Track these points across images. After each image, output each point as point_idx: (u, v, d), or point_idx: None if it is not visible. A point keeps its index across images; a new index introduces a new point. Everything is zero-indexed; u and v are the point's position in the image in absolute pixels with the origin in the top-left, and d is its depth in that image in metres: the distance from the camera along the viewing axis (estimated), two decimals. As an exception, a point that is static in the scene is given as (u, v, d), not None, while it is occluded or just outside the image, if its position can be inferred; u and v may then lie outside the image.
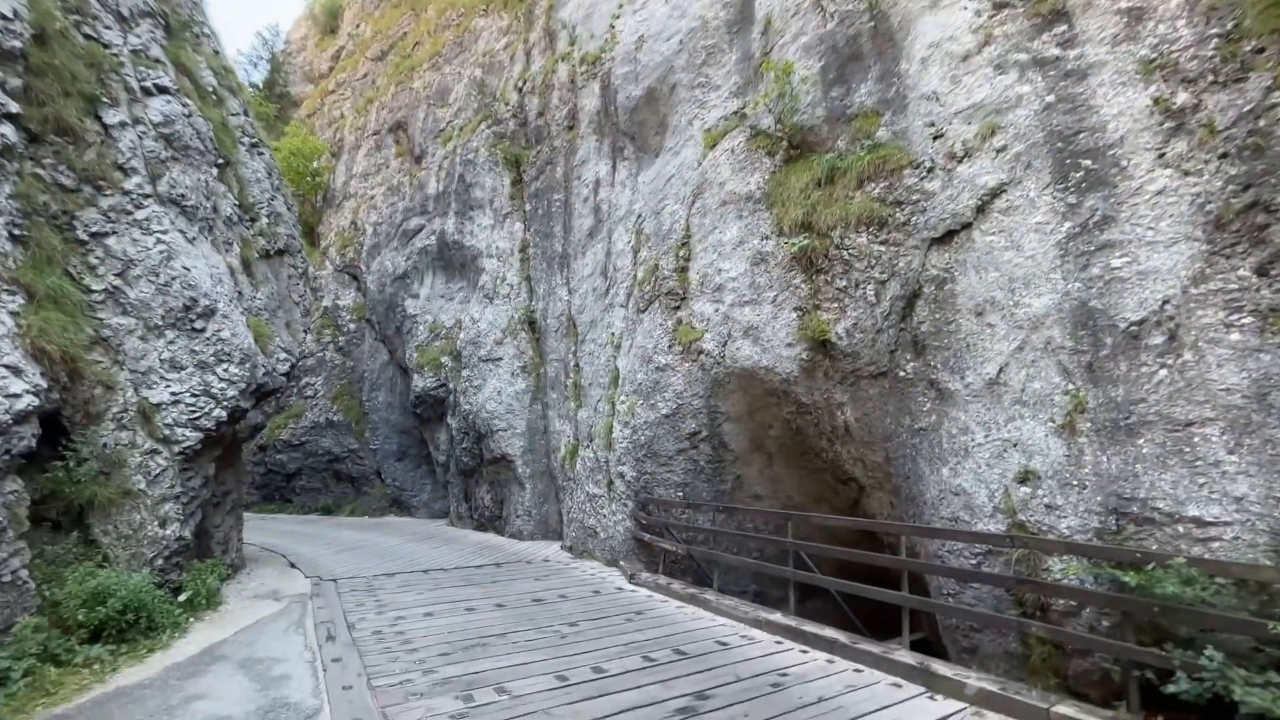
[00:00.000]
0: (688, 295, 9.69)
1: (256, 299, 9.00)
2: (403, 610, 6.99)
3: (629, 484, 10.04)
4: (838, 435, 7.38)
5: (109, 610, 5.21)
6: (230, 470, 9.20)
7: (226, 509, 8.90)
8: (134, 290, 6.94)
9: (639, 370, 10.27)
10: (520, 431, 14.15)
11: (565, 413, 13.34)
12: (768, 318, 8.05)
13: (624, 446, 10.24)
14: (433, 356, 17.12)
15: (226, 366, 7.71)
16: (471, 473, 15.57)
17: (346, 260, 22.31)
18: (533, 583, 8.67)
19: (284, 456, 19.77)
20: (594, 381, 12.21)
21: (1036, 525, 4.82)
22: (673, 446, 9.38)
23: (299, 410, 20.35)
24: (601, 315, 12.53)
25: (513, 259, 16.34)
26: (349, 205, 23.90)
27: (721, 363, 8.65)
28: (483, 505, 15.06)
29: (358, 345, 20.98)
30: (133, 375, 6.79)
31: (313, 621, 6.53)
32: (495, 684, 4.72)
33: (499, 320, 15.67)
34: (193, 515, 7.20)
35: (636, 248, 11.64)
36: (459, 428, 15.63)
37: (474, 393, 15.19)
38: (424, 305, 18.65)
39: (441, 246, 18.37)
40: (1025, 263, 5.57)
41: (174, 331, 7.24)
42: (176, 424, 7.04)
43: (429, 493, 18.67)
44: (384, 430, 19.40)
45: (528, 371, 14.73)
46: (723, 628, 6.33)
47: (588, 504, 11.19)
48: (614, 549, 10.18)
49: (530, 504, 13.64)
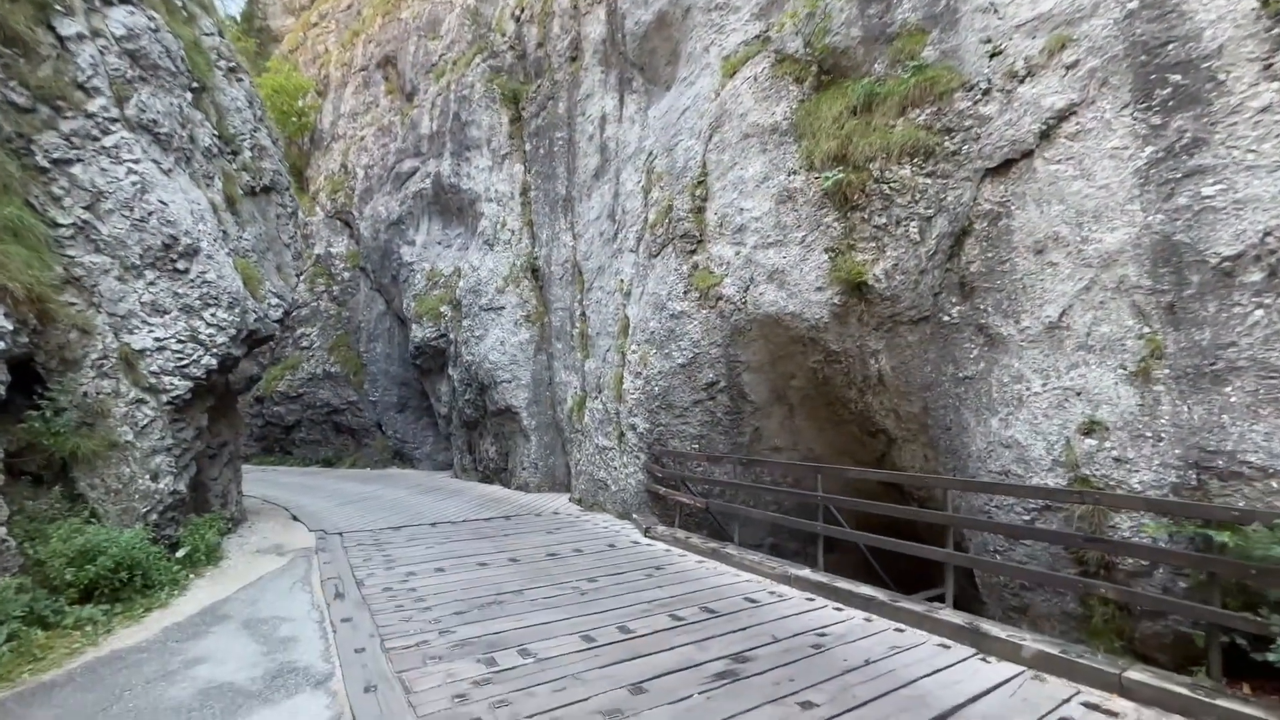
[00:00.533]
0: (705, 238, 9.09)
1: (243, 239, 8.37)
2: (413, 565, 6.70)
3: (641, 436, 9.69)
4: (869, 385, 6.96)
5: (99, 568, 4.86)
6: (225, 421, 8.79)
7: (223, 461, 8.53)
8: (106, 225, 6.32)
9: (652, 318, 9.76)
10: (525, 383, 13.74)
11: (572, 363, 12.90)
12: (795, 260, 7.50)
13: (636, 398, 9.84)
14: (431, 306, 16.52)
15: (214, 311, 7.17)
16: (475, 425, 15.25)
17: (338, 206, 21.36)
18: (545, 536, 8.42)
19: (282, 409, 19.40)
20: (602, 331, 11.71)
21: (1103, 480, 4.45)
22: (688, 397, 8.97)
23: (295, 362, 19.85)
24: (609, 261, 11.92)
25: (513, 203, 15.54)
26: (338, 147, 22.74)
27: (743, 309, 8.15)
28: (487, 458, 14.80)
29: (353, 295, 20.31)
30: (111, 319, 6.25)
31: (319, 578, 6.23)
32: (517, 645, 4.42)
33: (500, 268, 15.02)
34: (187, 468, 6.81)
35: (647, 188, 10.92)
36: (461, 379, 15.21)
37: (476, 343, 14.70)
38: (420, 252, 17.92)
39: (437, 190, 17.50)
40: (1097, 193, 5.00)
41: (154, 272, 6.66)
42: (163, 372, 6.55)
43: (431, 445, 18.43)
44: (383, 382, 18.99)
45: (531, 321, 14.20)
46: (749, 584, 6.06)
47: (597, 456, 10.89)
48: (625, 502, 9.92)
49: (536, 456, 13.37)
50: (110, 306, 6.25)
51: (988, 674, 4.02)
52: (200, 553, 6.35)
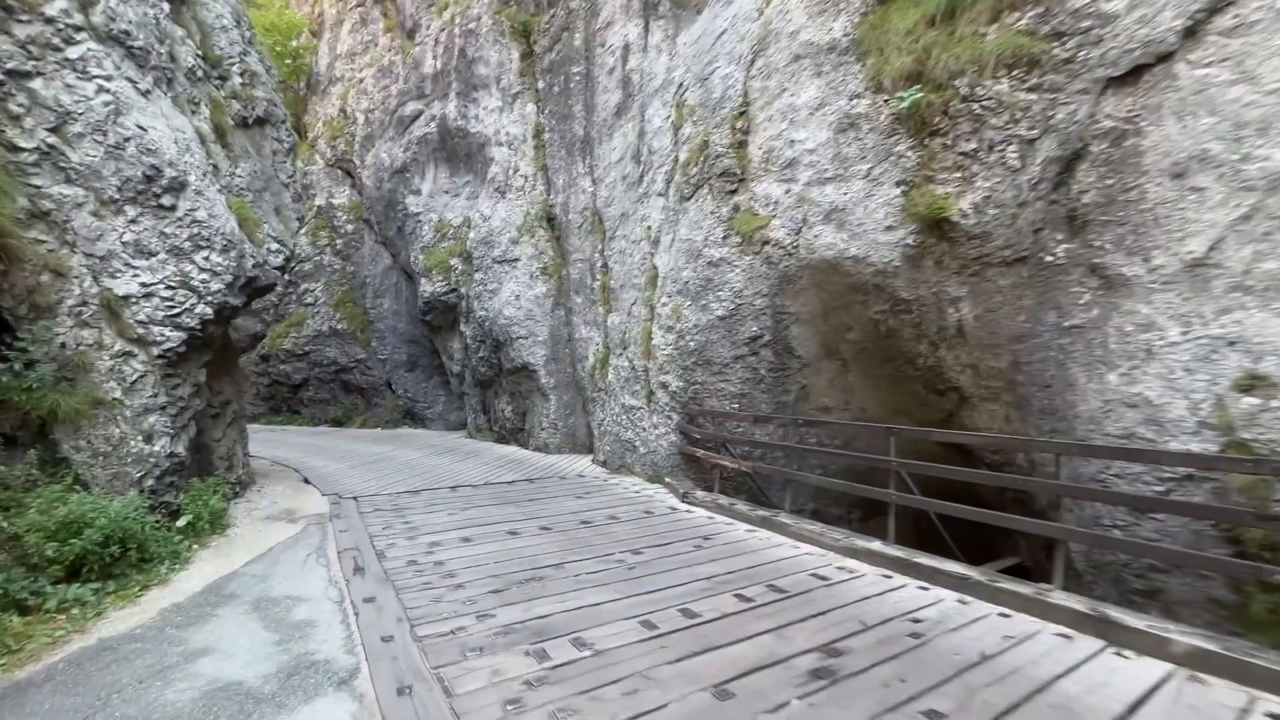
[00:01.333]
0: (748, 175, 8.17)
1: (237, 176, 7.51)
2: (437, 534, 6.12)
3: (673, 395, 9.01)
4: (944, 338, 6.19)
5: (86, 542, 4.25)
6: (228, 378, 8.12)
7: (227, 421, 7.90)
8: (76, 152, 5.48)
9: (685, 268, 8.94)
10: (542, 339, 13.00)
11: (593, 318, 12.13)
12: (858, 196, 6.62)
13: (667, 354, 9.11)
14: (440, 259, 15.66)
15: (207, 254, 6.39)
16: (490, 383, 14.61)
17: (338, 153, 20.23)
18: (574, 501, 7.83)
19: (288, 367, 18.79)
20: (627, 283, 10.90)
21: (1270, 445, 3.74)
22: (728, 353, 8.23)
23: (300, 318, 19.13)
24: (634, 207, 11.01)
25: (525, 146, 14.48)
26: (336, 91, 21.42)
27: (793, 254, 7.31)
28: (503, 417, 14.21)
29: (357, 248, 19.41)
30: (89, 261, 5.49)
31: (335, 548, 5.66)
32: (569, 633, 3.82)
33: (513, 217, 14.08)
34: (185, 429, 6.16)
35: (678, 124, 9.92)
36: (474, 336, 14.48)
37: (489, 298, 13.91)
38: (427, 202, 16.93)
39: (443, 134, 16.38)
40: (1264, 100, 4.11)
41: (135, 208, 5.86)
42: (152, 322, 5.82)
43: (443, 404, 17.86)
44: (391, 340, 18.29)
45: (548, 274, 13.36)
46: (811, 557, 5.45)
47: (624, 416, 10.24)
48: (656, 465, 9.31)
49: (556, 416, 12.75)
50: (87, 246, 5.47)
51: (1133, 674, 3.38)
52: (204, 521, 5.76)
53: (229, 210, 6.91)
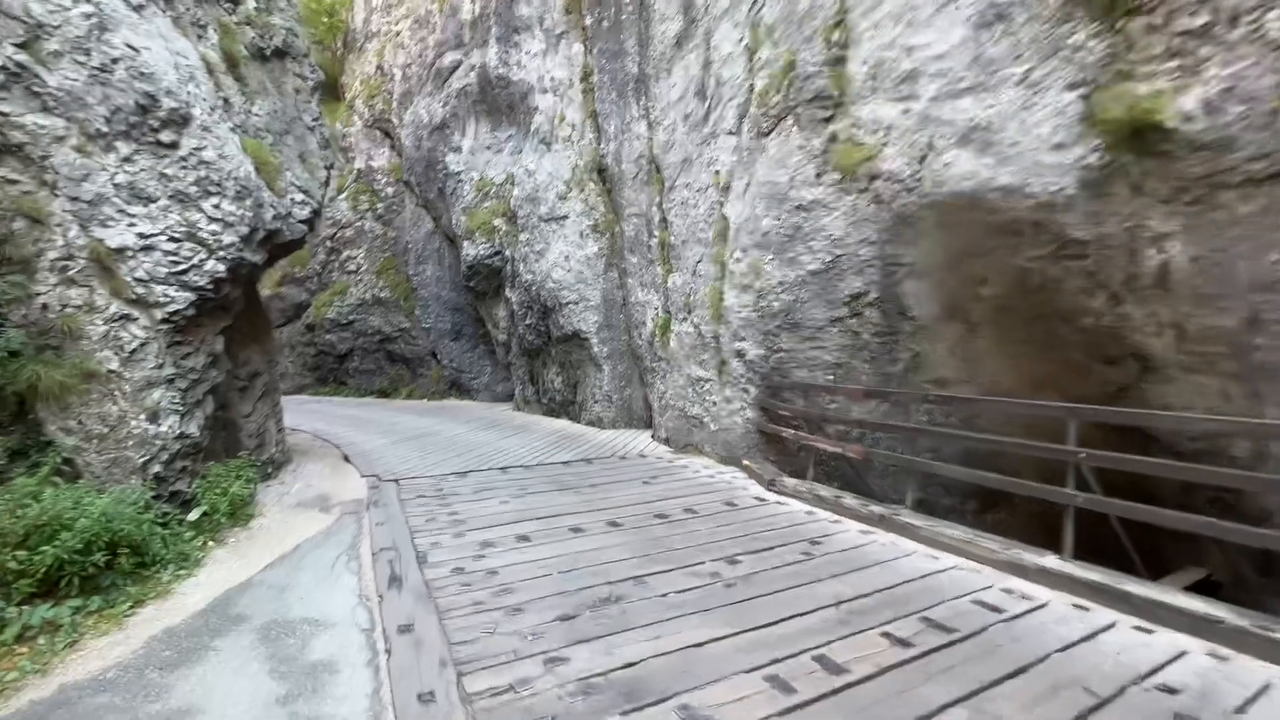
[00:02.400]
0: (847, 98, 6.70)
1: (253, 114, 6.54)
2: (486, 529, 5.16)
3: (751, 365, 7.77)
4: (1135, 288, 4.72)
5: (62, 550, 3.41)
6: (257, 347, 7.33)
7: (257, 394, 7.13)
8: (54, 74, 4.55)
9: (765, 215, 7.59)
10: (594, 304, 11.89)
11: (650, 280, 10.92)
12: (1011, 107, 5.12)
13: (743, 317, 7.86)
14: (483, 220, 14.66)
15: (217, 202, 5.45)
16: (538, 353, 13.67)
17: (376, 113, 19.34)
18: (641, 487, 6.78)
19: (333, 336, 18.37)
20: (690, 238, 9.60)
21: None
22: (822, 314, 6.92)
23: (343, 287, 18.62)
24: (698, 150, 9.62)
25: (572, 91, 13.15)
26: (372, 47, 20.43)
27: (913, 189, 5.88)
28: (553, 389, 13.29)
29: (398, 212, 18.63)
30: (75, 206, 4.60)
31: (370, 548, 4.76)
32: (672, 696, 2.74)
33: (560, 170, 12.88)
34: (199, 405, 5.33)
35: (753, 46, 8.43)
36: (520, 302, 13.51)
37: (536, 260, 12.85)
38: (468, 160, 15.88)
39: (483, 85, 15.19)
40: None
41: (129, 144, 4.93)
42: (153, 279, 4.94)
43: (489, 375, 17.12)
44: (435, 307, 17.56)
45: (600, 231, 12.16)
46: (962, 574, 4.22)
47: (689, 389, 9.09)
48: (730, 444, 8.16)
49: (610, 388, 11.71)
50: (71, 188, 4.58)
51: None
52: (221, 513, 4.95)
53: (243, 152, 5.96)
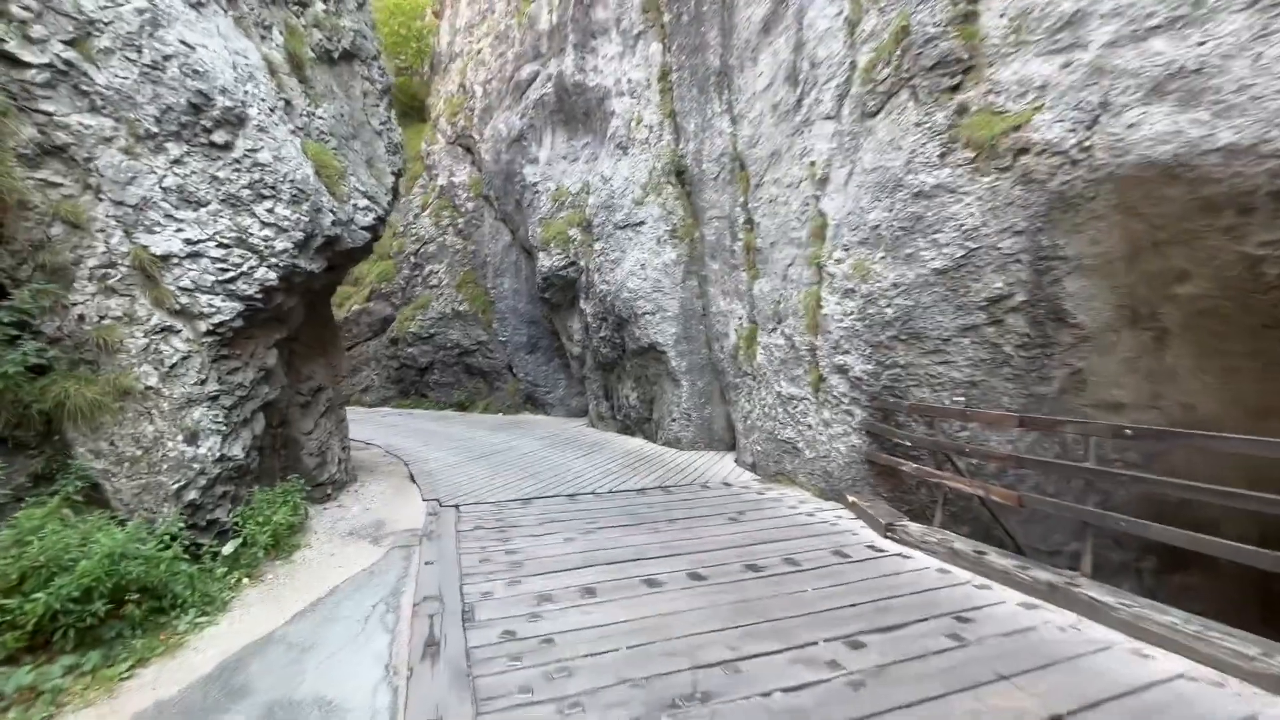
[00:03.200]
0: (981, 59, 5.51)
1: (317, 118, 6.27)
2: (547, 577, 4.39)
3: (856, 382, 6.62)
4: None
5: (55, 598, 2.94)
6: (322, 361, 7.06)
7: (319, 411, 6.82)
8: (103, 71, 4.31)
9: (873, 207, 6.47)
10: (672, 314, 11.06)
11: (733, 287, 9.95)
12: (1239, 39, 3.81)
13: (845, 326, 6.73)
14: (558, 230, 14.26)
15: (271, 206, 5.10)
16: (612, 366, 12.99)
17: (458, 130, 19.67)
18: (728, 526, 5.80)
19: (415, 350, 18.65)
20: (780, 239, 8.57)
21: None
22: (951, 321, 5.69)
23: (425, 301, 18.92)
24: (789, 142, 8.61)
25: (649, 92, 12.50)
26: (455, 67, 20.91)
27: (1083, 160, 4.61)
28: (627, 405, 12.54)
29: (477, 226, 18.75)
30: (119, 211, 4.32)
31: (413, 595, 4.10)
32: None
33: (636, 174, 12.22)
34: (246, 424, 4.95)
35: (854, 19, 7.35)
36: (594, 313, 12.92)
37: (610, 269, 12.21)
38: (544, 170, 15.63)
39: (560, 94, 14.90)
40: None
41: (179, 145, 4.64)
42: (199, 288, 4.60)
43: (564, 389, 16.67)
44: (512, 320, 17.40)
45: (678, 237, 11.35)
46: (1198, 689, 2.94)
47: (780, 409, 8.01)
48: (830, 475, 7.01)
49: (688, 405, 10.80)
50: (115, 192, 4.30)
51: None
52: (260, 545, 4.47)
53: (303, 155, 5.63)
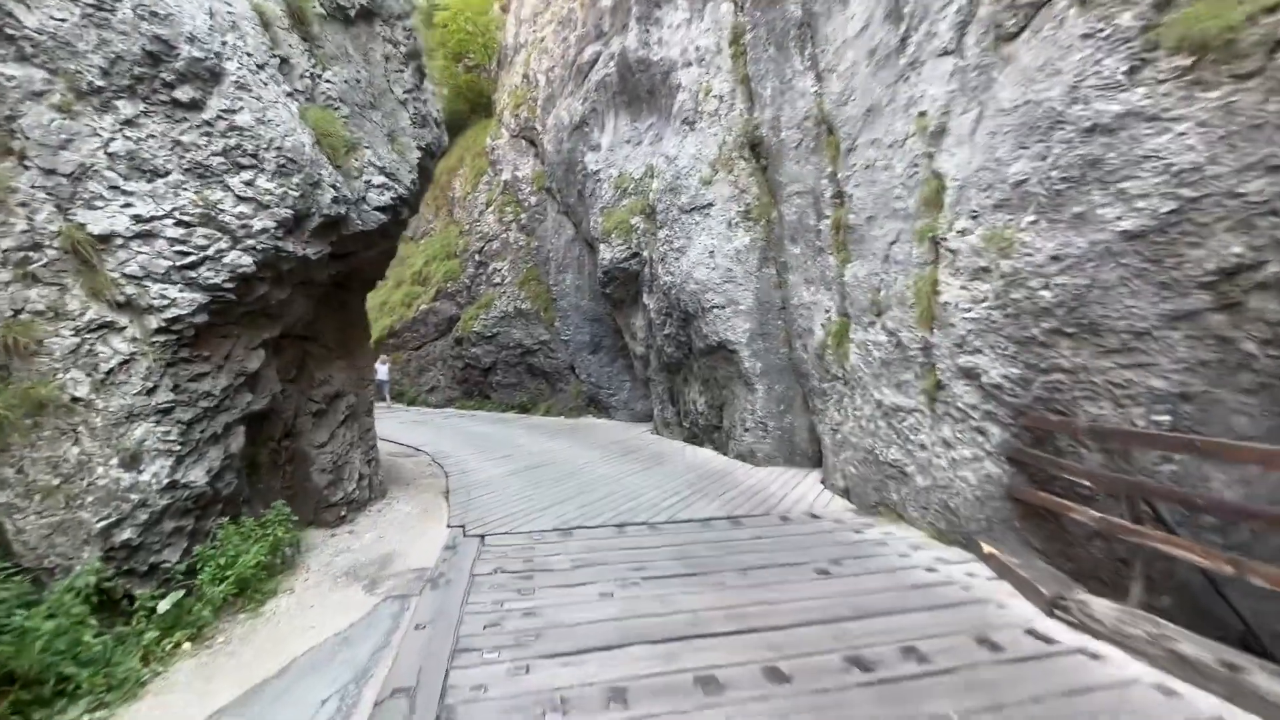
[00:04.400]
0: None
1: (324, 81, 5.40)
2: (565, 663, 3.19)
3: (992, 391, 4.97)
4: None
5: None
6: (343, 364, 6.24)
7: (337, 420, 6.00)
8: (35, 12, 3.54)
9: (1015, 157, 4.81)
10: (745, 308, 9.62)
11: (819, 274, 8.38)
12: None
13: (974, 317, 5.10)
14: (620, 219, 13.14)
15: (251, 177, 4.22)
16: (678, 368, 11.69)
17: (521, 122, 19.05)
18: (819, 584, 4.37)
19: (479, 350, 18.18)
20: (880, 211, 6.96)
21: None
22: (1151, 307, 3.97)
23: (489, 299, 18.41)
24: (890, 92, 6.97)
25: (719, 58, 11.09)
26: (519, 59, 20.35)
27: None
28: (695, 411, 11.20)
29: (540, 221, 18.01)
30: (50, 181, 3.53)
31: (389, 668, 3.02)
32: None
33: (704, 151, 10.85)
34: (216, 441, 4.08)
35: (983, -81, 5.65)
36: (658, 309, 11.67)
37: (675, 258, 10.92)
38: (606, 157, 14.57)
39: (623, 72, 13.79)
40: None
41: (134, 103, 3.82)
42: (151, 275, 3.75)
43: (628, 391, 15.56)
44: (574, 318, 16.50)
45: (752, 219, 9.88)
46: None
47: (880, 422, 6.43)
48: (952, 512, 5.38)
49: (764, 413, 9.32)
50: (45, 158, 3.51)
51: None
52: (209, 601, 3.54)
53: (300, 121, 4.75)
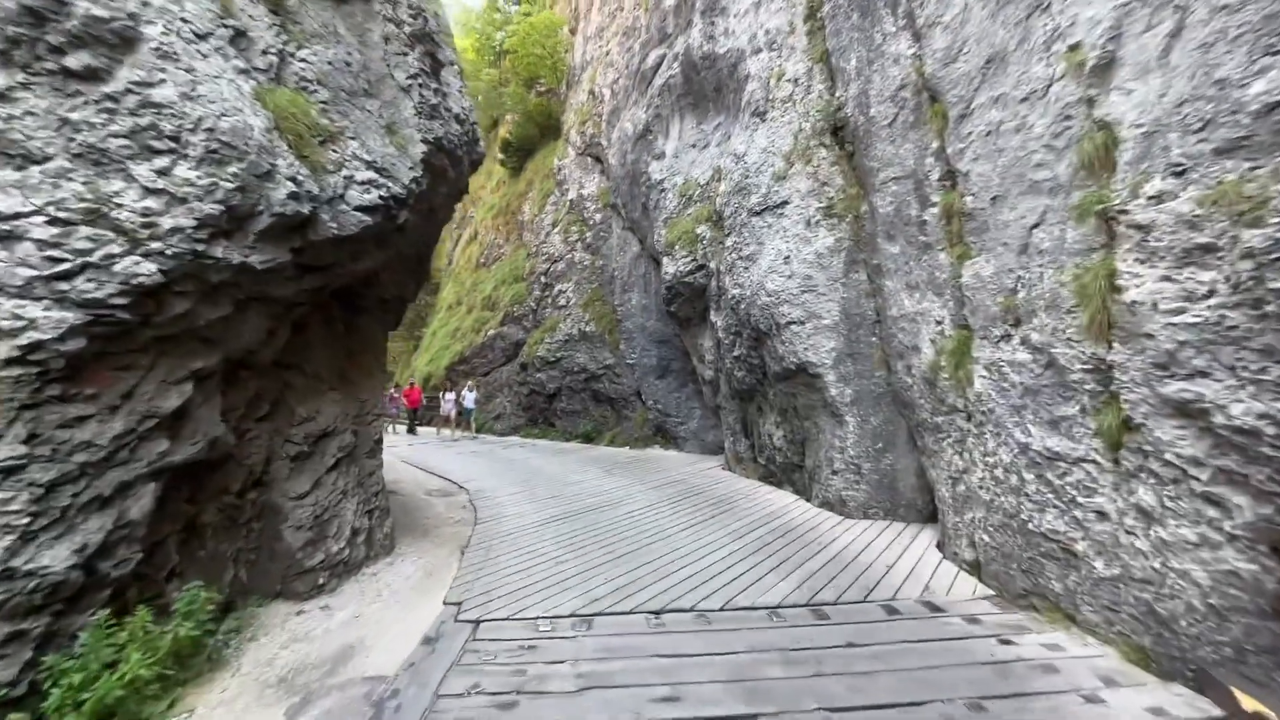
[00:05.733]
0: None
1: (297, 60, 4.54)
2: None
3: (1236, 438, 3.10)
4: None
5: None
6: (335, 395, 5.30)
7: (324, 465, 5.02)
8: (-127, -39, 2.79)
9: (1254, 70, 3.03)
10: (828, 322, 7.94)
11: (925, 275, 6.60)
12: None
13: (1194, 322, 3.29)
14: (684, 229, 11.84)
15: (168, 164, 3.31)
16: (751, 395, 10.09)
17: (586, 139, 18.38)
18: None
19: (543, 375, 17.38)
20: (1011, 187, 5.17)
21: None
22: None
23: (554, 323, 17.64)
24: (1018, 32, 5.22)
25: (793, 38, 9.63)
26: (585, 76, 19.84)
27: None
28: (771, 447, 9.52)
29: (605, 239, 17.10)
30: (-122, 168, 2.72)
31: None
32: None
33: (777, 142, 9.35)
34: (97, 508, 3.06)
35: None
36: (726, 326, 10.18)
37: (744, 268, 9.43)
38: (671, 165, 13.40)
39: (687, 73, 12.65)
40: None
41: (10, 72, 3.00)
42: (4, 289, 2.86)
43: (699, 420, 14.04)
44: (640, 340, 15.28)
45: (835, 215, 8.24)
46: None
47: (1028, 473, 4.58)
48: (1166, 623, 3.48)
49: (856, 451, 7.53)
50: None
51: None
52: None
53: (250, 100, 3.85)
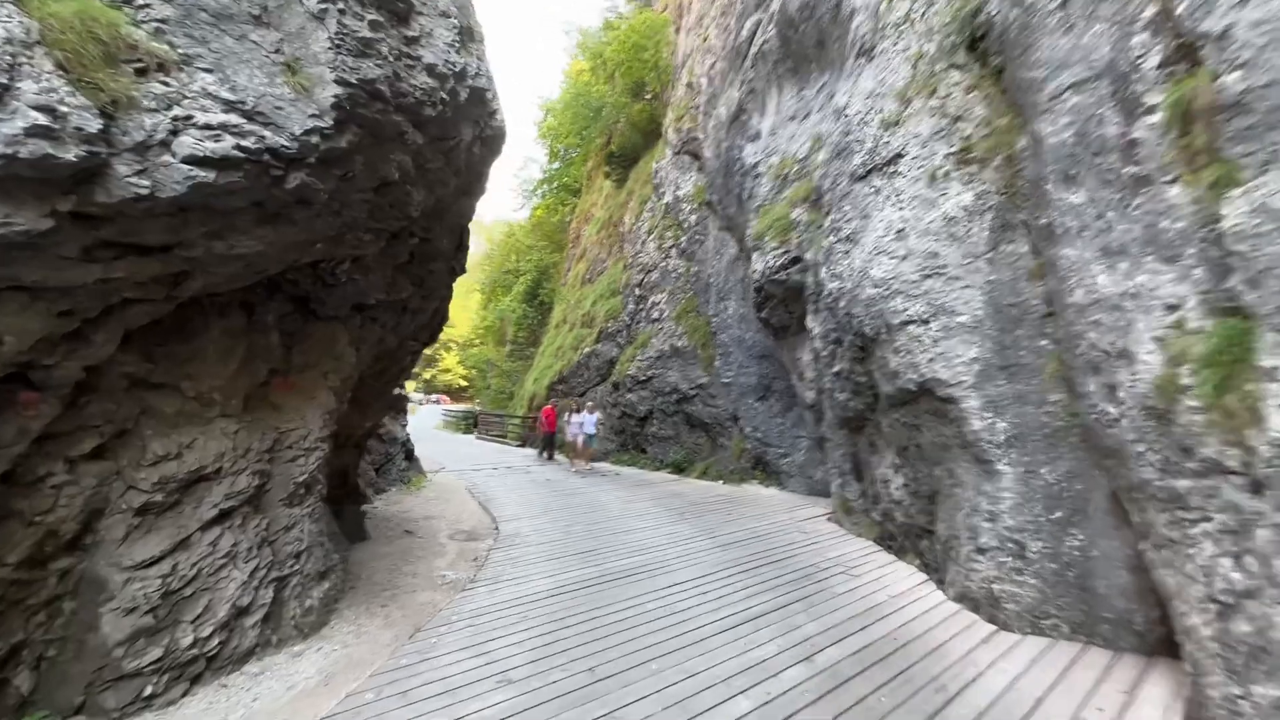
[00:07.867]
0: None
1: (134, -30, 3.36)
2: None
3: None
4: None
5: None
6: (233, 422, 4.05)
7: (197, 519, 3.73)
8: None
9: None
10: (967, 319, 5.33)
11: (1140, 231, 3.85)
12: None
13: None
14: (778, 215, 9.61)
15: None
16: (860, 424, 7.53)
17: (683, 136, 16.74)
18: None
19: (633, 396, 15.78)
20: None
21: None
22: None
23: (646, 338, 16.04)
24: None
25: (912, -57, 7.15)
26: (685, 70, 18.28)
27: None
28: (887, 497, 6.90)
29: (700, 242, 15.21)
30: None
31: None
32: None
33: (889, 79, 6.89)
34: None
35: None
36: (824, 334, 7.77)
37: (843, 252, 7.02)
38: (767, 144, 11.25)
39: (784, 31, 10.52)
40: None
41: None
42: None
43: (805, 452, 11.46)
44: (737, 355, 13.09)
45: (973, 160, 5.61)
46: None
47: None
48: None
49: (1016, 521, 4.82)
50: None
51: None
52: None
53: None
